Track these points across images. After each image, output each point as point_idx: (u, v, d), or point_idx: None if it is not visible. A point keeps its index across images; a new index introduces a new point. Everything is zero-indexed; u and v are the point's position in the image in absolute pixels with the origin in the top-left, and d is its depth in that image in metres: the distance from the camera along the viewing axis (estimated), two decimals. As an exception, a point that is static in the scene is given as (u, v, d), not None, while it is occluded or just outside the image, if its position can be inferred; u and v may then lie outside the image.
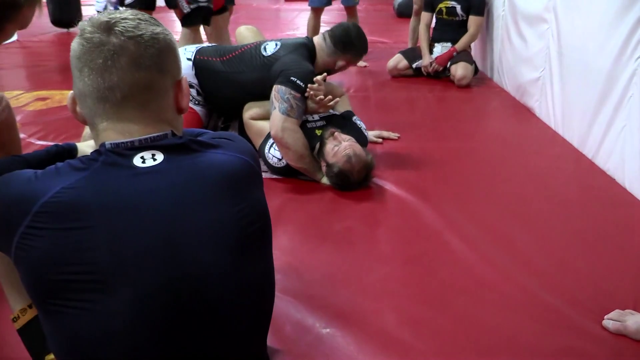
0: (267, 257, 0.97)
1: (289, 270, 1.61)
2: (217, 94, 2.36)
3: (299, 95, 2.13)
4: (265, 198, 0.98)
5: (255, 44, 2.35)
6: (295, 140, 2.12)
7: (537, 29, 3.07)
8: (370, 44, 5.44)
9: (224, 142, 0.93)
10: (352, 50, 2.36)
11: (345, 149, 2.06)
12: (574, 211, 1.98)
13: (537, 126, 2.95)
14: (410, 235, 1.81)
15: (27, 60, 5.02)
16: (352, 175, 2.07)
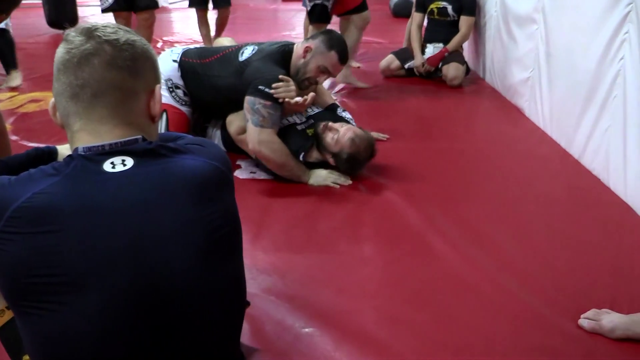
0: (236, 261, 0.98)
1: (272, 271, 1.63)
2: (199, 96, 2.37)
3: (269, 103, 2.07)
4: (235, 203, 1.00)
5: (235, 48, 2.33)
6: (274, 151, 2.11)
7: (527, 29, 3.09)
8: (365, 44, 5.51)
9: (195, 148, 0.95)
10: (334, 48, 2.19)
11: (346, 133, 2.11)
12: (557, 211, 1.99)
13: (526, 126, 2.97)
14: (394, 236, 1.82)
15: (22, 61, 5.03)
16: (361, 154, 2.13)
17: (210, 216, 0.89)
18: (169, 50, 2.47)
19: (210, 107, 2.43)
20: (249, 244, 1.78)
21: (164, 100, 2.34)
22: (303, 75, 2.22)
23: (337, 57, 2.20)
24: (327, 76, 2.27)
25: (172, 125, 2.35)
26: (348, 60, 2.31)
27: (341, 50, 2.22)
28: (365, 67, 4.47)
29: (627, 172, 2.04)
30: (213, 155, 0.95)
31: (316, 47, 2.20)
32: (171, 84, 2.36)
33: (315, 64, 2.20)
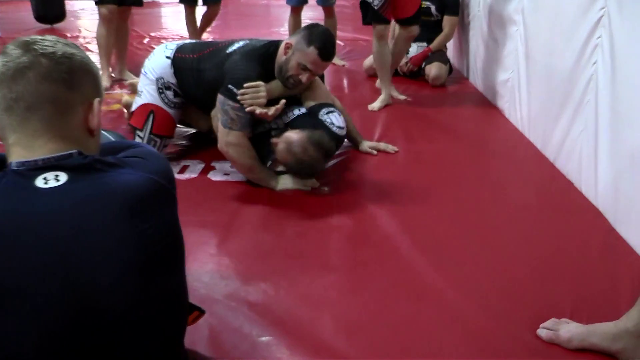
0: (175, 276, 0.97)
1: (236, 277, 1.62)
2: (192, 94, 2.33)
3: (237, 105, 2.03)
4: (176, 217, 0.98)
5: (228, 42, 2.28)
6: (240, 155, 2.09)
7: (508, 30, 3.08)
8: (352, 41, 5.50)
9: (135, 162, 0.94)
10: (314, 43, 2.05)
11: (278, 145, 2.03)
12: (527, 217, 1.99)
13: (505, 128, 2.97)
14: (361, 241, 1.82)
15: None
16: (304, 157, 2.00)
17: (146, 232, 0.88)
18: (163, 46, 2.42)
19: (204, 104, 2.36)
20: (215, 248, 1.77)
21: (152, 101, 2.33)
22: (285, 74, 2.11)
23: (316, 53, 2.05)
24: (309, 74, 2.11)
25: (157, 127, 2.33)
26: (334, 57, 2.17)
27: (322, 46, 2.05)
28: (350, 66, 4.45)
29: (597, 177, 2.04)
30: (154, 169, 0.94)
31: (296, 43, 2.09)
32: (162, 83, 2.32)
33: (295, 61, 2.08)
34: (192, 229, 1.85)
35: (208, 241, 1.80)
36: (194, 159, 2.48)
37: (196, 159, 2.48)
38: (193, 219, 1.94)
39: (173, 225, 0.96)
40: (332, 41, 2.14)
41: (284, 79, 2.14)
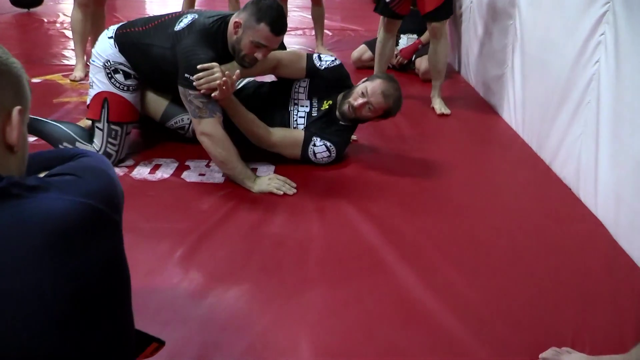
0: (115, 323, 0.81)
1: (204, 295, 1.46)
2: (141, 69, 2.17)
3: (198, 92, 1.92)
4: (118, 249, 0.82)
5: (176, 15, 2.13)
6: (214, 145, 1.99)
7: (502, 23, 2.94)
8: (340, 31, 5.32)
9: (64, 182, 0.77)
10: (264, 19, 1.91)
11: (369, 99, 2.14)
12: (521, 227, 1.85)
13: (498, 126, 2.83)
14: (344, 253, 1.67)
15: (-23, 42, 4.77)
16: (397, 92, 2.20)
17: (73, 272, 0.72)
18: (106, 30, 2.27)
19: (152, 79, 2.24)
20: (185, 260, 1.62)
21: (104, 88, 2.17)
22: (239, 53, 2.00)
23: (268, 29, 1.92)
24: (265, 50, 1.99)
25: (114, 114, 2.16)
26: (285, 30, 2.03)
27: (272, 20, 1.93)
28: (338, 57, 4.25)
29: (598, 184, 1.91)
30: (89, 190, 0.78)
31: (245, 20, 1.96)
32: (110, 65, 2.15)
33: (247, 39, 1.95)
34: (161, 238, 1.71)
35: (177, 252, 1.64)
36: (167, 157, 2.32)
37: (170, 157, 2.31)
38: (162, 226, 1.79)
39: (113, 261, 0.79)
40: (282, 13, 2.01)
41: (239, 58, 2.04)
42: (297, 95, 2.32)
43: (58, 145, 2.20)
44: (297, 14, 5.92)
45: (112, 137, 2.17)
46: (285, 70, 2.29)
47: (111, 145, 2.17)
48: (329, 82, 2.29)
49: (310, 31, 4.74)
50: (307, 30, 5.01)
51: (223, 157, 2.01)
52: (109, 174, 0.88)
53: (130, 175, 2.15)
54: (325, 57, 2.37)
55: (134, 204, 1.92)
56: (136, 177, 2.14)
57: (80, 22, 3.48)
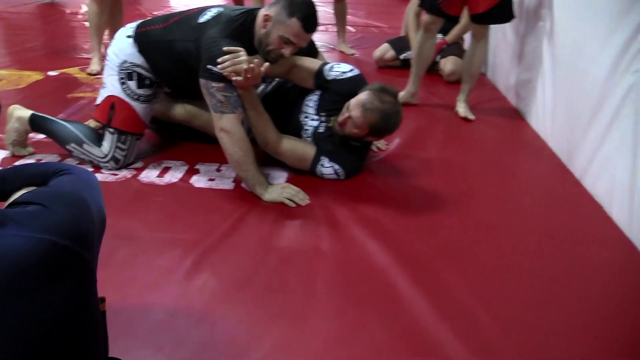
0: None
1: (202, 318, 1.37)
2: (162, 69, 2.08)
3: (221, 85, 1.84)
4: (84, 288, 0.73)
5: (200, 9, 2.04)
6: (231, 143, 1.89)
7: (532, 24, 2.78)
8: (364, 28, 5.18)
9: (26, 214, 0.68)
10: (296, 14, 1.85)
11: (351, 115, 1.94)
12: (548, 249, 1.72)
13: (525, 134, 2.68)
14: (353, 273, 1.56)
15: (1, 33, 4.77)
16: (386, 107, 1.93)
17: (27, 320, 0.63)
18: (124, 28, 2.17)
19: (176, 80, 2.14)
20: (185, 276, 1.53)
21: (114, 92, 2.09)
22: (266, 47, 1.93)
23: (299, 25, 1.86)
24: (292, 48, 1.92)
25: (117, 121, 2.08)
26: (316, 28, 1.95)
27: (304, 16, 1.86)
28: (360, 55, 4.16)
29: (633, 204, 1.77)
30: (54, 224, 0.69)
31: (276, 14, 1.89)
32: (126, 67, 2.07)
33: (276, 34, 1.89)
34: (162, 250, 1.63)
35: (178, 266, 1.56)
36: (177, 159, 2.24)
37: (180, 159, 2.23)
38: (165, 237, 1.70)
39: (80, 303, 0.71)
40: (314, 11, 1.93)
41: (264, 53, 1.95)
42: (307, 108, 2.18)
43: (65, 145, 2.14)
44: (320, 9, 5.80)
45: (122, 142, 2.09)
46: (298, 77, 2.16)
47: (120, 151, 2.09)
48: (338, 97, 2.08)
49: (333, 27, 4.62)
50: (330, 26, 4.89)
51: (239, 157, 1.90)
52: (85, 202, 0.79)
53: (137, 178, 2.08)
54: (339, 67, 2.15)
55: (138, 210, 1.85)
56: (144, 180, 2.06)
57: (96, 15, 3.42)
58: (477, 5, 2.58)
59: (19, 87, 3.15)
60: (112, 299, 1.40)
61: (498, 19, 2.65)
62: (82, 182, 0.90)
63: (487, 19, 2.65)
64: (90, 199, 0.83)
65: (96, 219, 0.80)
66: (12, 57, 3.84)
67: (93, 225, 0.77)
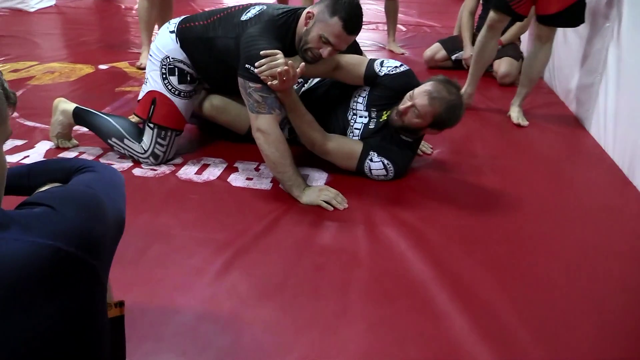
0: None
1: (231, 321, 1.32)
2: (204, 66, 2.06)
3: (259, 85, 1.80)
4: (90, 297, 0.68)
5: (244, 5, 2.01)
6: (269, 144, 1.84)
7: (596, 24, 2.60)
8: (415, 27, 5.05)
9: (32, 217, 0.64)
10: (338, 13, 1.79)
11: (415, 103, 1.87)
12: (605, 272, 1.57)
13: (583, 142, 2.51)
14: (390, 284, 1.47)
15: (59, 27, 4.91)
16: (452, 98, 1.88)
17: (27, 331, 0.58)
18: (167, 23, 2.16)
19: (216, 77, 2.12)
20: (215, 278, 1.48)
21: (156, 87, 2.08)
22: (305, 45, 1.88)
23: (340, 25, 1.80)
24: (331, 49, 1.86)
25: (158, 116, 2.07)
26: (359, 31, 1.89)
27: (347, 17, 1.79)
28: (410, 55, 4.04)
29: None
30: (59, 229, 0.64)
31: (318, 12, 1.84)
32: (168, 62, 2.05)
33: (316, 32, 1.84)
34: (194, 250, 1.59)
35: (209, 267, 1.51)
36: (217, 156, 2.20)
37: (219, 156, 2.20)
38: (198, 236, 1.67)
39: (85, 313, 0.66)
40: (359, 12, 1.86)
41: (302, 50, 1.90)
42: (355, 104, 2.11)
43: (107, 140, 2.15)
44: (371, 7, 5.70)
45: (162, 137, 2.07)
46: (344, 75, 2.09)
47: (159, 146, 2.08)
48: (390, 91, 2.02)
49: (383, 25, 4.52)
50: (381, 24, 4.79)
51: (275, 158, 1.85)
52: (100, 204, 0.74)
53: (176, 174, 2.06)
54: (389, 62, 2.09)
55: (174, 207, 1.83)
56: (182, 176, 2.04)
57: (146, 10, 3.46)
58: (548, 6, 2.43)
59: (70, 80, 3.22)
60: (141, 298, 1.38)
61: (569, 21, 2.50)
62: (103, 181, 0.85)
63: (558, 21, 2.50)
64: (108, 200, 0.78)
65: (111, 223, 0.75)
66: (67, 51, 3.93)
67: (107, 229, 0.73)
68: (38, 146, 2.27)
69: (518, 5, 2.46)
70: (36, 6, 5.43)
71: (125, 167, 2.09)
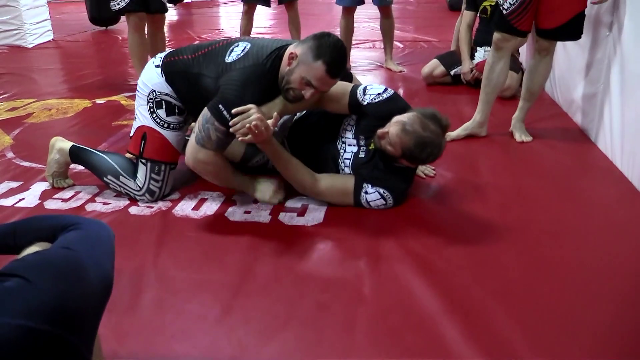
0: None
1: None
2: (189, 99, 2.02)
3: (222, 128, 1.80)
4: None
5: (227, 42, 1.97)
6: (209, 173, 1.95)
7: (595, 33, 2.55)
8: (412, 43, 5.02)
9: (3, 293, 0.58)
10: (322, 57, 1.77)
11: (389, 132, 1.82)
12: (621, 291, 1.51)
13: (590, 155, 2.44)
14: (397, 322, 1.40)
15: (57, 62, 4.93)
16: (425, 134, 1.78)
17: None
18: (154, 57, 2.15)
19: (200, 111, 2.03)
20: (214, 323, 1.42)
21: (145, 122, 2.04)
22: (287, 85, 1.84)
23: (324, 69, 1.77)
24: (314, 91, 1.82)
25: (149, 150, 2.03)
26: (343, 74, 1.88)
27: (331, 61, 1.77)
28: (408, 72, 4.01)
29: None
30: (32, 306, 0.59)
31: (302, 54, 1.80)
32: (154, 96, 2.02)
33: (298, 74, 1.80)
34: (192, 293, 1.54)
35: (208, 311, 1.45)
36: (214, 189, 2.15)
37: (217, 190, 2.15)
38: (196, 277, 1.61)
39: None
40: (342, 55, 1.83)
41: (284, 90, 1.86)
42: (344, 133, 2.06)
43: (103, 177, 2.10)
44: (367, 25, 5.69)
45: (156, 172, 2.03)
46: (329, 106, 2.03)
47: (154, 182, 2.04)
48: (376, 120, 1.93)
49: (379, 43, 4.49)
50: (377, 42, 4.77)
51: (220, 179, 1.99)
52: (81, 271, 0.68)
53: (172, 211, 2.01)
54: (372, 89, 1.99)
55: (170, 248, 1.77)
56: (178, 214, 1.99)
57: (137, 45, 3.47)
58: (548, 20, 2.38)
59: (67, 116, 3.20)
60: (136, 349, 1.32)
61: (569, 35, 2.44)
62: (89, 240, 0.80)
63: (558, 35, 2.44)
64: (92, 263, 0.73)
65: (95, 289, 0.70)
66: (65, 86, 3.93)
67: (88, 298, 0.67)
68: (33, 187, 2.23)
69: (518, 21, 2.39)
70: (34, 42, 5.47)
71: (121, 206, 2.05)
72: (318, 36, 1.82)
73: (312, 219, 1.91)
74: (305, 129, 2.14)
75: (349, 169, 2.01)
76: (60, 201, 2.10)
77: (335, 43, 1.80)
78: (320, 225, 1.88)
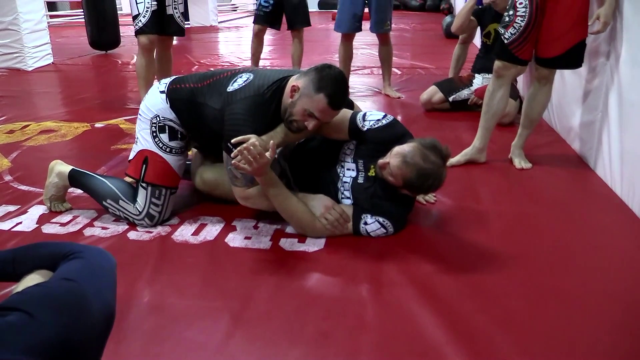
0: None
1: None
2: (193, 127, 2.04)
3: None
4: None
5: (231, 73, 2.00)
6: (260, 204, 1.98)
7: (593, 62, 2.58)
8: (410, 69, 5.08)
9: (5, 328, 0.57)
10: (323, 90, 1.79)
11: (390, 163, 1.81)
12: (624, 320, 1.49)
13: (590, 183, 2.45)
14: (400, 351, 1.38)
15: (56, 85, 4.94)
16: (427, 166, 1.77)
17: None
18: (158, 83, 2.16)
19: (204, 139, 2.12)
20: (212, 352, 1.39)
21: (147, 146, 2.04)
22: (290, 117, 1.87)
23: (326, 101, 1.80)
24: (316, 122, 1.85)
25: (151, 174, 2.02)
26: (345, 105, 1.93)
27: (332, 94, 1.80)
28: (406, 98, 4.04)
29: None
30: (34, 341, 0.57)
31: (303, 87, 1.83)
32: (158, 121, 2.03)
33: (300, 106, 1.83)
34: (192, 320, 1.51)
35: (208, 340, 1.43)
36: (214, 214, 2.14)
37: (217, 215, 2.14)
38: (195, 304, 1.59)
39: None
40: (344, 87, 1.87)
41: (287, 121, 1.90)
42: (344, 157, 2.05)
43: (102, 202, 2.09)
44: (365, 51, 5.76)
45: (156, 196, 2.02)
46: (329, 133, 2.03)
47: (154, 207, 2.02)
48: (376, 145, 1.94)
49: (378, 70, 4.54)
50: (375, 69, 4.82)
51: (267, 207, 1.96)
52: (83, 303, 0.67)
53: (172, 236, 1.99)
54: (371, 115, 2.00)
55: (169, 273, 1.75)
56: (178, 239, 1.97)
57: (144, 68, 3.48)
58: (549, 49, 2.41)
59: (66, 139, 3.19)
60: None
61: (569, 64, 2.46)
62: (91, 270, 0.79)
63: (558, 64, 2.47)
64: (95, 294, 0.72)
65: (97, 320, 0.68)
66: (64, 109, 3.93)
67: (91, 331, 0.66)
68: (31, 211, 2.21)
69: (519, 50, 2.41)
70: (34, 65, 5.49)
71: (120, 231, 2.03)
72: (319, 68, 1.84)
73: (313, 244, 1.90)
74: (306, 153, 2.14)
75: (348, 192, 2.00)
76: (58, 225, 2.08)
77: (337, 75, 1.82)
78: (321, 251, 1.87)
